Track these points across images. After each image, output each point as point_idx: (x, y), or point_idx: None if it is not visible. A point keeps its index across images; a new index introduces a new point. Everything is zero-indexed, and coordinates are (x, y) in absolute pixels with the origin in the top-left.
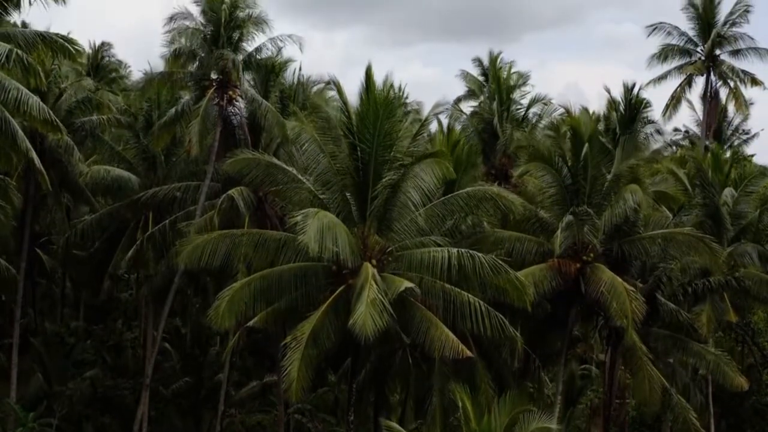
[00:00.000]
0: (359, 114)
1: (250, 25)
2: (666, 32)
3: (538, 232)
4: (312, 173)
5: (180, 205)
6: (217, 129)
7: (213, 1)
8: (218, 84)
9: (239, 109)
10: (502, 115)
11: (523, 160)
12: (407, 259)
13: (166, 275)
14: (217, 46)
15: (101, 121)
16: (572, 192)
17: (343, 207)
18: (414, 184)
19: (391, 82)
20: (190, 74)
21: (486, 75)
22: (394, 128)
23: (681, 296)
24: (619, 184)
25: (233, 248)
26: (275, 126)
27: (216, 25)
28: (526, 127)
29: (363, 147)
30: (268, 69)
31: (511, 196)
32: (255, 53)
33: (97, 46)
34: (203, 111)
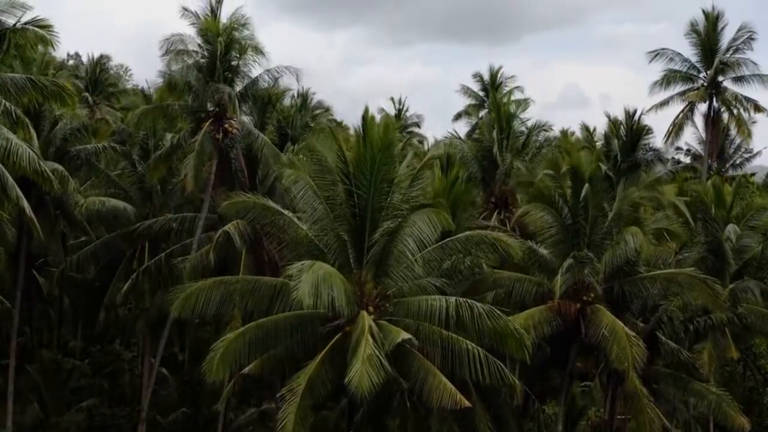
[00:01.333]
0: (356, 160)
1: (246, 56)
2: (668, 58)
3: (538, 270)
4: (308, 219)
5: (177, 236)
6: (213, 162)
7: (208, 31)
8: (214, 116)
9: (236, 142)
10: (501, 143)
11: (523, 194)
12: (405, 306)
13: (162, 308)
14: (212, 78)
15: (97, 150)
16: (572, 232)
17: (340, 253)
18: (411, 232)
19: (388, 122)
20: (186, 106)
21: (486, 90)
22: (392, 173)
23: (682, 333)
24: (620, 223)
25: (227, 296)
26: (272, 159)
27: (212, 57)
28: (527, 156)
29: (360, 193)
30: (265, 100)
31: (510, 240)
32: (251, 85)
33: (95, 60)
34: (199, 145)
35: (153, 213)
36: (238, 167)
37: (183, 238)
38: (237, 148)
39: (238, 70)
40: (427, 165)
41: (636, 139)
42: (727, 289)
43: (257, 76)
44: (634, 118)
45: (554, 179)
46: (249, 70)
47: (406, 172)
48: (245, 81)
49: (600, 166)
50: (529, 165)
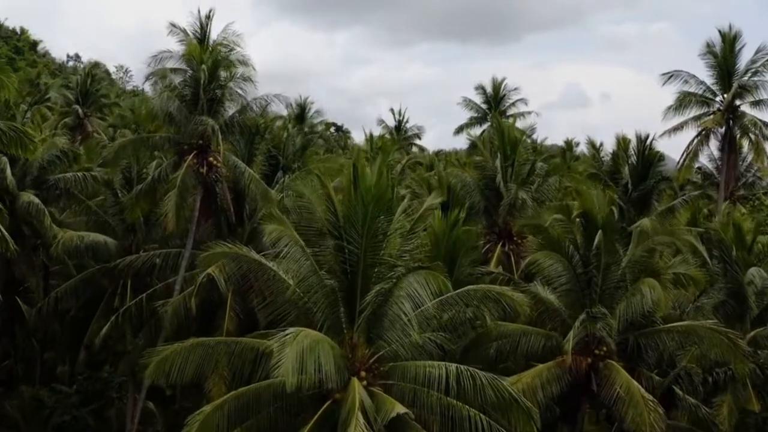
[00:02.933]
0: (346, 212)
1: (232, 85)
2: (683, 80)
3: (546, 320)
4: (295, 277)
5: (160, 273)
6: (197, 197)
7: (192, 58)
8: (198, 149)
9: (221, 176)
10: (506, 172)
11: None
12: (400, 370)
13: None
14: (195, 108)
15: (76, 179)
16: (584, 281)
17: (329, 313)
18: (407, 294)
19: (382, 169)
20: (168, 138)
21: (489, 102)
22: (385, 226)
23: (700, 386)
24: (634, 270)
25: (206, 359)
26: (259, 195)
27: (195, 87)
28: (532, 185)
29: (351, 248)
30: (253, 130)
31: (515, 295)
32: (238, 114)
33: (87, 70)
34: (180, 181)
35: (136, 246)
36: (224, 202)
37: (167, 275)
38: (222, 183)
39: (223, 100)
40: (425, 216)
41: (648, 165)
42: (748, 336)
43: (244, 105)
44: (645, 143)
45: (565, 225)
46: (235, 98)
47: (401, 225)
48: (231, 110)
49: (613, 210)
50: (535, 194)
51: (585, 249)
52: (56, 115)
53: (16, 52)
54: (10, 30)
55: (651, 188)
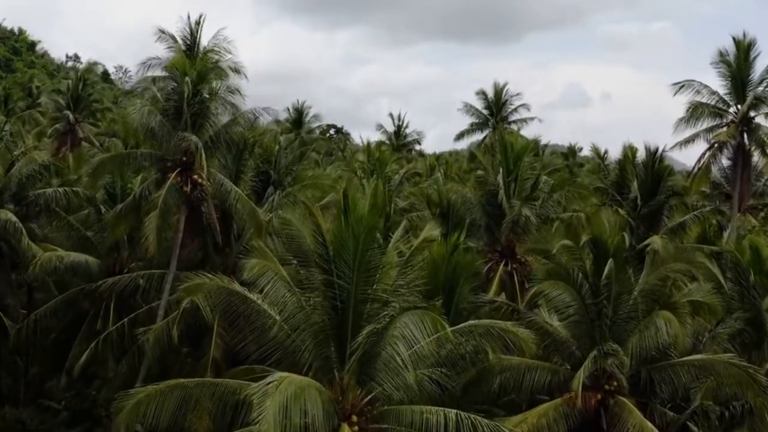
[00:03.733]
0: (336, 244)
1: (218, 98)
2: (694, 90)
3: (552, 353)
4: (280, 314)
5: (144, 295)
6: (181, 216)
7: (175, 71)
8: (182, 166)
9: (207, 194)
10: (509, 187)
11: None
12: (395, 415)
13: (128, 376)
14: (179, 123)
15: (57, 195)
16: (594, 312)
17: (317, 353)
18: (401, 334)
19: (375, 198)
20: (149, 155)
21: (490, 108)
22: (378, 259)
23: (716, 421)
24: (648, 300)
25: (184, 403)
26: (246, 215)
27: (178, 100)
28: (536, 201)
29: (341, 283)
30: (240, 146)
31: (520, 331)
32: (225, 129)
33: (80, 75)
34: (162, 202)
35: (120, 265)
36: (210, 222)
37: (151, 298)
38: (208, 201)
39: (208, 114)
40: (421, 248)
41: (657, 180)
42: (766, 366)
43: (232, 119)
44: (655, 157)
45: (573, 253)
46: (222, 111)
47: (395, 256)
48: (218, 124)
49: (624, 237)
50: (540, 211)
51: (594, 277)
52: (48, 120)
53: (13, 52)
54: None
55: (661, 204)
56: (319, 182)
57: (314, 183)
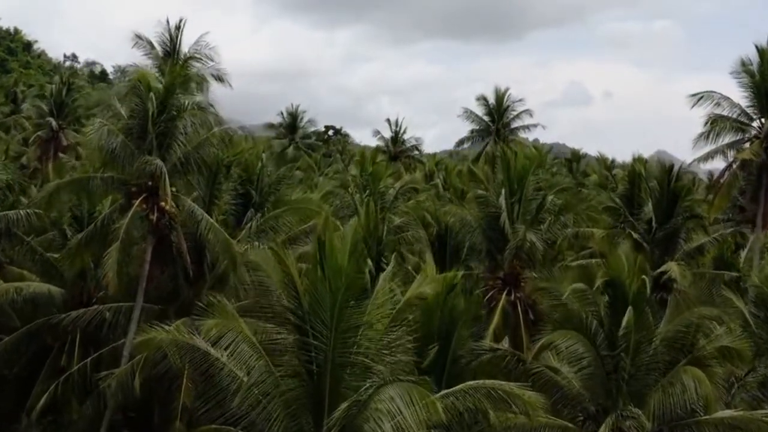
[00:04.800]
0: (311, 298)
1: (188, 115)
2: (714, 103)
3: (562, 408)
4: (248, 375)
5: (111, 330)
6: (147, 246)
7: (139, 84)
8: (147, 191)
9: (176, 221)
10: (512, 209)
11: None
12: None
13: (93, 419)
14: (144, 143)
15: (18, 218)
16: (610, 364)
17: (291, 424)
18: (386, 409)
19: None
20: (111, 179)
21: (492, 114)
22: (360, 317)
23: None
24: (671, 350)
25: None
26: (219, 247)
27: (142, 119)
28: (542, 225)
29: (317, 344)
30: (213, 169)
31: (528, 394)
32: (196, 151)
33: (65, 79)
34: (124, 233)
35: (87, 295)
36: (180, 252)
37: (117, 334)
38: (177, 229)
39: (177, 134)
40: (410, 303)
41: (674, 200)
42: None
43: (203, 139)
44: (671, 174)
45: (586, 298)
46: (194, 130)
47: (381, 311)
48: (188, 145)
49: (645, 281)
50: (546, 235)
51: (611, 326)
52: (32, 126)
53: (9, 52)
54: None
55: (678, 227)
56: (302, 206)
57: (297, 208)
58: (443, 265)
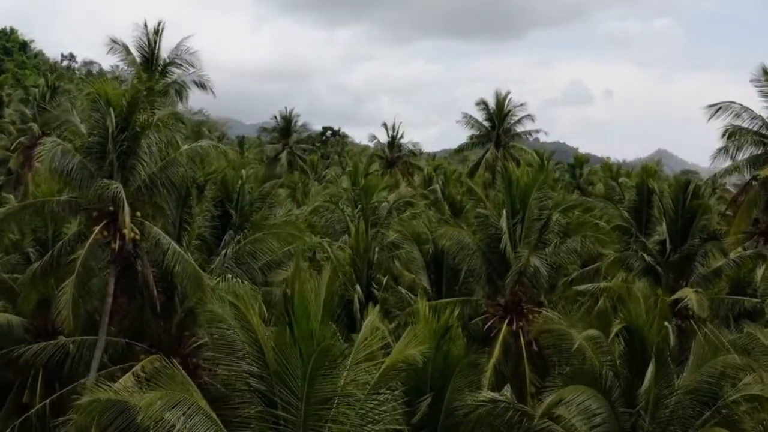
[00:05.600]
0: (277, 366)
1: (153, 132)
2: (733, 114)
3: None
4: None
5: (75, 364)
6: (110, 278)
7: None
8: (108, 217)
9: (141, 249)
10: (513, 231)
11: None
12: None
13: None
14: (104, 163)
15: None
16: (628, 423)
17: None
18: None
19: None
20: (69, 203)
21: (492, 120)
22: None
23: None
24: (695, 404)
25: None
26: (188, 280)
27: (103, 136)
28: (547, 248)
29: (287, 417)
30: (183, 192)
31: None
32: (162, 171)
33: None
34: (80, 266)
35: (51, 325)
36: (146, 283)
37: (82, 370)
38: (143, 258)
39: (140, 153)
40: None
41: (690, 219)
42: None
43: (171, 159)
44: (686, 192)
45: (600, 346)
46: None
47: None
48: (154, 165)
49: (668, 329)
50: (551, 258)
51: (629, 379)
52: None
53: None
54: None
55: (695, 250)
56: (283, 231)
57: (277, 232)
58: (439, 287)
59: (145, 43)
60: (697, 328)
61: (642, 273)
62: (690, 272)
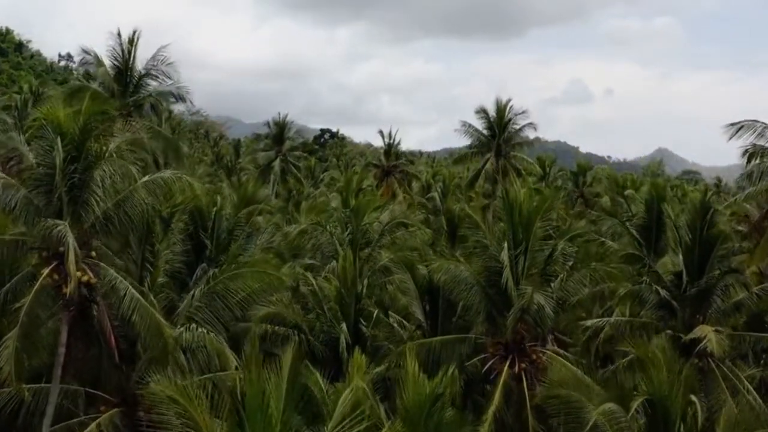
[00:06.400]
0: None
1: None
2: (755, 133)
3: None
4: None
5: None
6: (62, 326)
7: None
8: (59, 259)
9: (97, 293)
10: (515, 263)
11: None
12: None
13: None
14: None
15: None
16: None
17: None
18: None
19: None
20: (16, 243)
21: (492, 128)
22: None
23: None
24: None
25: None
26: (146, 331)
27: (51, 167)
28: (551, 282)
29: None
30: (143, 226)
31: None
32: (119, 206)
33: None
34: (24, 315)
35: None
36: (103, 331)
37: (36, 423)
38: (99, 303)
39: (92, 187)
40: None
41: (709, 249)
42: None
43: (127, 193)
44: (705, 220)
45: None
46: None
47: None
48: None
49: (696, 406)
50: (560, 292)
51: None
52: None
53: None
54: None
55: (714, 283)
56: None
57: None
58: (435, 319)
59: (119, 53)
60: (716, 367)
61: (656, 307)
62: (708, 306)
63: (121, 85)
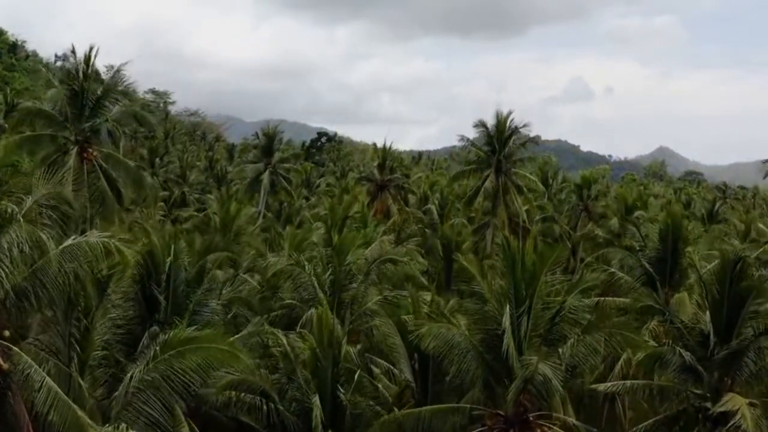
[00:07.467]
0: None
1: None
2: None
3: None
4: None
5: None
6: None
7: None
8: None
9: (11, 380)
10: (518, 327)
11: None
12: None
13: None
14: None
15: None
16: None
17: None
18: None
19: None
20: None
21: (492, 144)
22: None
23: None
24: None
25: None
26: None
27: None
28: (560, 343)
29: None
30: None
31: None
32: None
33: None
34: None
35: None
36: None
37: None
38: (15, 392)
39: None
40: None
41: (739, 303)
42: None
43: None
44: (734, 272)
45: None
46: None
47: None
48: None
49: None
50: (568, 360)
51: None
52: None
53: None
54: None
55: (746, 345)
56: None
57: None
58: (425, 380)
59: (74, 74)
60: None
61: (679, 371)
62: (738, 368)
63: (75, 109)
